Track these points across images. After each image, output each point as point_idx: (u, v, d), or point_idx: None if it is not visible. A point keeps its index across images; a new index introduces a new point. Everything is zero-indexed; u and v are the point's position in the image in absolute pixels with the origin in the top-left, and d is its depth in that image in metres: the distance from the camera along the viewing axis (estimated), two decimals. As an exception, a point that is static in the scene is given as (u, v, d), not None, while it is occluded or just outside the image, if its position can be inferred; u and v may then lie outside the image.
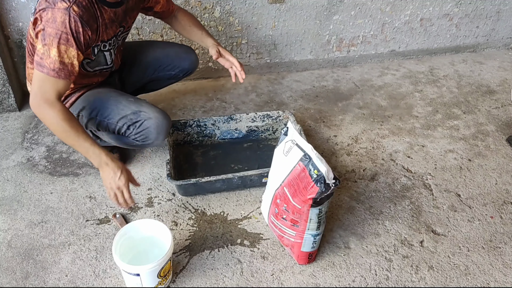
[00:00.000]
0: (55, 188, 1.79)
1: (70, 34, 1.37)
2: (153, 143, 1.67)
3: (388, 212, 1.72)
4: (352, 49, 2.68)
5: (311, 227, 1.40)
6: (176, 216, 1.68)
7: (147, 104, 1.67)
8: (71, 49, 1.39)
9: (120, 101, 1.64)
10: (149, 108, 1.63)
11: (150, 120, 1.60)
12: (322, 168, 1.30)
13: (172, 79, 1.98)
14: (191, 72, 1.97)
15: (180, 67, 1.92)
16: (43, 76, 1.40)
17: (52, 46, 1.37)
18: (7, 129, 2.10)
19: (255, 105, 2.33)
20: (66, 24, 1.36)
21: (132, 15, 1.68)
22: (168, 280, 1.42)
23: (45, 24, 1.37)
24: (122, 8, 1.58)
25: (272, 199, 1.50)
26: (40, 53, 1.38)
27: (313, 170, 1.31)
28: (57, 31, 1.36)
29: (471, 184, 1.87)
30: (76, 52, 1.41)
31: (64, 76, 1.41)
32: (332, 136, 2.12)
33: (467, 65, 2.77)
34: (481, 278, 1.50)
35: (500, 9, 2.74)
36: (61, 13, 1.36)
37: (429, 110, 2.33)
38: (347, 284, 1.46)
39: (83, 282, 1.44)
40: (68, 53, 1.39)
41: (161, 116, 1.63)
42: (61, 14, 1.36)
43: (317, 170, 1.30)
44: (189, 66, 1.93)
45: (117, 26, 1.60)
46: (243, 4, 2.30)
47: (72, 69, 1.42)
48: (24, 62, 2.23)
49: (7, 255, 1.52)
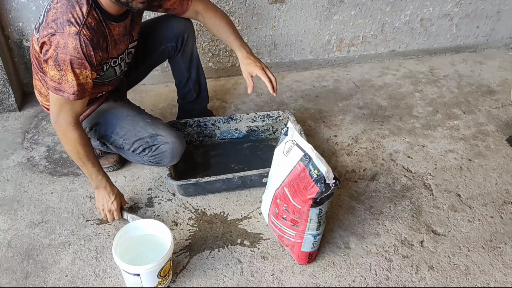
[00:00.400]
0: (55, 188, 1.79)
1: (84, 58, 1.38)
2: (167, 165, 1.70)
3: (388, 212, 1.72)
4: (352, 49, 2.68)
5: (311, 227, 1.40)
6: (176, 216, 1.68)
7: (164, 126, 1.67)
8: (85, 71, 1.41)
9: (138, 122, 1.65)
10: (166, 131, 1.64)
11: (166, 144, 1.63)
12: (322, 168, 1.29)
13: (168, 52, 1.86)
14: (185, 38, 1.81)
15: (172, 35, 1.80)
16: (63, 100, 1.43)
17: (68, 71, 1.38)
18: (7, 129, 2.10)
19: (255, 105, 2.33)
20: (79, 49, 1.36)
21: (138, 21, 1.65)
22: (168, 280, 1.42)
23: (57, 50, 1.36)
24: (129, 18, 1.56)
25: (272, 199, 1.50)
26: (57, 79, 1.40)
27: (313, 170, 1.31)
28: (71, 56, 1.36)
29: (471, 184, 1.87)
30: (90, 72, 1.43)
31: (81, 96, 1.44)
32: (332, 136, 2.12)
33: (467, 65, 2.77)
34: (481, 278, 1.50)
35: (500, 9, 2.74)
36: (72, 38, 1.35)
37: (429, 110, 2.33)
38: (347, 284, 1.46)
39: (83, 282, 1.44)
40: (83, 74, 1.41)
41: (178, 141, 1.65)
42: (72, 39, 1.35)
43: (317, 170, 1.30)
44: (178, 31, 1.80)
45: (127, 38, 1.59)
46: (243, 4, 2.30)
47: (87, 87, 1.45)
48: (24, 62, 2.23)
49: (7, 255, 1.52)
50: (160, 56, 1.87)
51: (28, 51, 2.20)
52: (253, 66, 1.59)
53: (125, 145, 1.68)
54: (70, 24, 1.35)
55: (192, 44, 1.86)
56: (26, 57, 2.21)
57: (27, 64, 2.24)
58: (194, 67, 1.93)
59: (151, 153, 1.66)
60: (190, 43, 1.84)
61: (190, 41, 1.84)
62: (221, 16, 1.71)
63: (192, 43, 1.86)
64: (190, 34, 1.82)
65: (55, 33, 1.35)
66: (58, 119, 1.47)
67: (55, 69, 1.38)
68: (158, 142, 1.63)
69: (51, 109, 1.49)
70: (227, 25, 1.69)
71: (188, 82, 1.96)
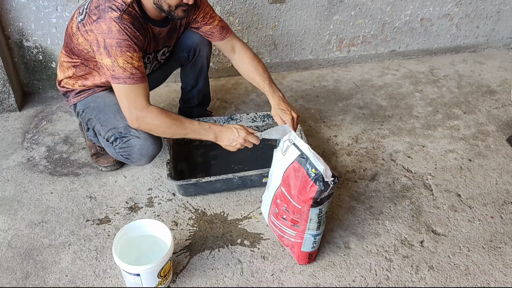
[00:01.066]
0: (55, 188, 1.79)
1: (129, 39, 1.40)
2: (136, 162, 1.67)
3: (388, 212, 1.72)
4: (352, 49, 2.68)
5: (311, 227, 1.40)
6: (176, 216, 1.68)
7: None
8: (135, 54, 1.42)
9: (120, 112, 1.60)
10: None
11: (137, 139, 1.59)
12: (320, 167, 1.30)
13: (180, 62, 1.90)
14: (197, 50, 1.83)
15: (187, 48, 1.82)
16: (123, 87, 1.44)
17: (117, 56, 1.40)
18: (7, 129, 2.10)
19: (255, 105, 2.33)
20: (122, 32, 1.39)
21: (174, 36, 1.68)
22: (168, 280, 1.42)
23: (103, 37, 1.39)
24: (167, 28, 1.59)
25: (272, 199, 1.50)
26: (110, 67, 1.41)
27: (310, 169, 1.31)
28: (117, 40, 1.38)
29: (471, 184, 1.87)
30: (139, 54, 1.43)
31: (140, 79, 1.44)
32: (333, 136, 2.12)
33: (467, 65, 2.77)
34: (481, 278, 1.50)
35: (500, 9, 2.74)
36: (114, 22, 1.38)
37: (429, 110, 2.33)
38: (347, 284, 1.46)
39: (83, 282, 1.44)
40: (134, 57, 1.42)
41: (150, 141, 1.60)
42: (115, 23, 1.38)
43: (315, 169, 1.30)
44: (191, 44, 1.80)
45: (158, 44, 1.61)
46: (244, 4, 2.30)
47: (143, 70, 1.45)
48: (24, 62, 2.23)
49: (7, 255, 1.52)
50: (174, 64, 1.89)
51: (28, 51, 2.20)
52: (285, 115, 1.60)
53: (102, 132, 1.67)
54: (112, 10, 1.39)
55: (204, 57, 1.86)
56: (26, 57, 2.22)
57: (27, 64, 2.24)
58: (202, 79, 1.96)
59: (121, 144, 1.62)
60: (202, 55, 1.85)
61: (202, 54, 1.85)
62: (258, 60, 1.74)
63: (204, 56, 1.86)
64: (203, 48, 1.83)
65: (98, 20, 1.39)
66: (132, 113, 1.47)
67: (106, 57, 1.40)
68: (130, 135, 1.60)
69: (123, 109, 1.49)
70: (262, 69, 1.72)
71: (192, 90, 1.99)
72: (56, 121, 2.16)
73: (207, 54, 1.86)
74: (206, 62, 1.90)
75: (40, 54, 2.22)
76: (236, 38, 1.77)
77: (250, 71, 1.72)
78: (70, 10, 2.11)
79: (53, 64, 2.27)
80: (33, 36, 2.16)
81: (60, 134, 2.07)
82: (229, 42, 1.75)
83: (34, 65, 2.25)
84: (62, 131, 2.09)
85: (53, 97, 2.32)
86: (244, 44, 1.77)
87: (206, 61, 1.90)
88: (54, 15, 2.12)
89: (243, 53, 1.74)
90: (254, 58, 1.74)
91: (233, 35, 1.76)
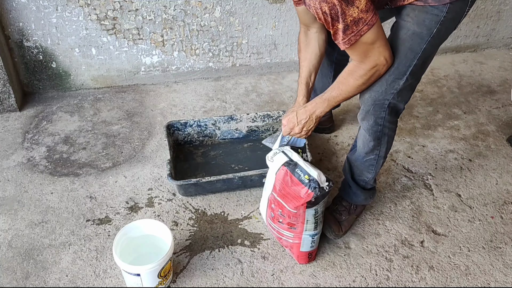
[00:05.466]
0: (56, 188, 1.79)
1: None
2: None
3: (389, 212, 1.72)
4: (352, 49, 2.68)
5: (309, 227, 1.40)
6: (177, 216, 1.68)
7: None
8: None
9: None
10: None
11: None
12: (313, 173, 1.30)
13: None
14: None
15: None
16: (363, 39, 1.19)
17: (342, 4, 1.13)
18: (7, 129, 2.10)
19: (255, 105, 2.33)
20: None
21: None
22: (169, 280, 1.42)
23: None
24: None
25: (267, 203, 1.51)
26: (349, 17, 1.15)
27: (303, 176, 1.31)
28: None
29: (471, 184, 1.87)
30: None
31: (373, 17, 1.18)
32: (333, 136, 2.12)
33: (467, 65, 2.76)
34: (481, 278, 1.50)
35: (501, 9, 2.74)
36: None
37: (429, 110, 2.33)
38: (348, 284, 1.46)
39: (84, 282, 1.44)
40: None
41: None
42: None
43: (308, 175, 1.30)
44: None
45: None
46: (244, 4, 2.30)
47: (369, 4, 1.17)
48: (24, 62, 2.23)
49: (8, 255, 1.52)
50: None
51: (28, 51, 2.20)
52: (292, 117, 1.50)
53: None
54: None
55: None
56: (26, 57, 2.22)
57: (27, 64, 2.24)
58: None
59: None
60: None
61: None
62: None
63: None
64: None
65: None
66: (377, 60, 1.26)
67: (350, 8, 1.14)
68: None
69: (366, 74, 1.29)
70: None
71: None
72: (56, 121, 2.16)
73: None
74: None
75: (41, 54, 2.22)
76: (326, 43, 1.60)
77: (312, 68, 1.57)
78: (70, 10, 2.11)
79: (53, 64, 2.27)
80: (33, 36, 2.16)
81: (60, 134, 2.07)
82: (323, 34, 1.57)
83: (34, 65, 2.25)
84: (62, 131, 2.09)
85: (53, 97, 2.32)
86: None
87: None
88: (54, 15, 2.12)
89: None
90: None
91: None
